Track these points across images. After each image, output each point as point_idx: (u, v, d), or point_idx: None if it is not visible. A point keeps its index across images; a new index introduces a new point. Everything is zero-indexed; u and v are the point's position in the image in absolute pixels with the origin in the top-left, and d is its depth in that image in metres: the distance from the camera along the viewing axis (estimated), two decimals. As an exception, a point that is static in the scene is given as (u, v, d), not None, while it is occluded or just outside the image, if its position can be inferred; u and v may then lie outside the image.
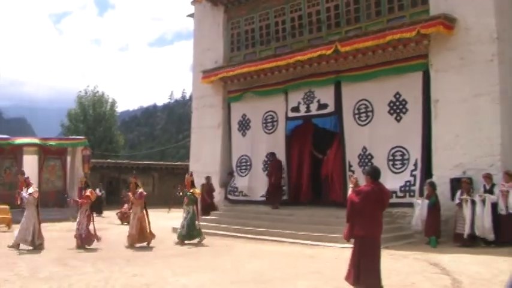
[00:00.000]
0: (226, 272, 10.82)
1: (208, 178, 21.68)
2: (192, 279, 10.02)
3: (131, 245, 15.10)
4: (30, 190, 14.73)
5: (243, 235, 17.24)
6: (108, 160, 43.23)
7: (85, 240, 14.72)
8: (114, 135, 59.95)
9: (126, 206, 25.58)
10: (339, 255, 12.76)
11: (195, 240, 16.05)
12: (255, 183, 20.90)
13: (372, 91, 17.89)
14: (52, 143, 27.64)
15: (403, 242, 15.03)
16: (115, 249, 14.62)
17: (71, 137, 35.48)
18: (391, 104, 17.35)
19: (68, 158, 28.08)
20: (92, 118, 57.22)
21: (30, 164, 26.48)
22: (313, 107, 19.38)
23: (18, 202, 15.52)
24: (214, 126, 22.81)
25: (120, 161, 44.03)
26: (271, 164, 20.15)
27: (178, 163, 46.84)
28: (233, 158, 22.24)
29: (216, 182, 21.99)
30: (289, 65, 19.51)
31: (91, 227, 14.96)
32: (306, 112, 19.63)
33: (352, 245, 8.79)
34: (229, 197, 21.86)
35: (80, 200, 15.40)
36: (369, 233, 8.43)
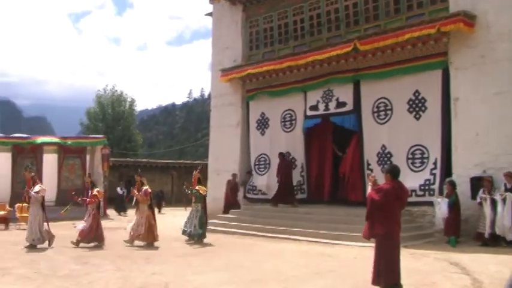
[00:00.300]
0: (245, 271, 10.82)
1: (234, 176, 21.66)
2: (211, 277, 10.04)
3: (130, 242, 15.06)
4: (37, 188, 14.72)
5: (261, 234, 17.24)
6: (127, 159, 43.43)
7: (86, 236, 14.71)
8: (133, 134, 60.18)
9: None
10: (358, 254, 12.72)
11: (200, 239, 15.92)
12: (273, 181, 20.87)
13: (391, 89, 17.80)
14: (71, 142, 27.85)
15: (422, 241, 14.93)
16: (134, 247, 14.68)
17: (90, 135, 35.73)
18: (410, 102, 17.24)
19: (88, 157, 28.29)
20: (111, 117, 57.49)
21: (50, 162, 26.74)
22: (332, 105, 19.33)
23: (26, 200, 15.58)
24: (233, 125, 22.83)
25: (139, 160, 44.24)
26: (280, 163, 20.31)
27: (197, 162, 46.90)
28: (252, 156, 22.24)
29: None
30: (308, 63, 19.47)
31: (92, 225, 14.88)
32: (324, 110, 19.59)
33: (372, 244, 8.76)
34: (248, 195, 21.87)
35: (87, 199, 15.33)
36: (389, 231, 8.40)
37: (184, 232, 16.28)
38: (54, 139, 27.58)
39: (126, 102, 60.07)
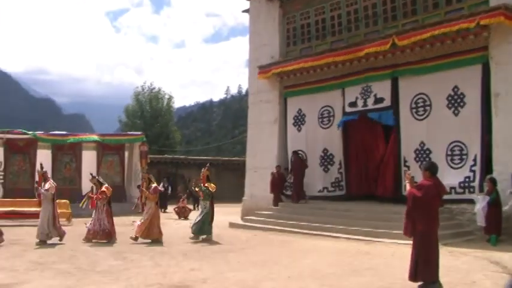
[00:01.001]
0: (283, 267, 10.84)
1: (278, 167, 21.63)
2: (249, 274, 10.08)
3: (135, 238, 15.12)
4: (47, 185, 14.85)
5: (299, 230, 17.22)
6: (165, 156, 43.78)
7: (105, 235, 14.80)
8: (171, 131, 60.58)
9: (183, 201, 25.97)
10: (396, 251, 12.62)
11: (203, 237, 15.76)
12: (310, 178, 20.81)
13: (430, 85, 17.56)
14: (110, 139, 28.21)
15: (462, 239, 14.72)
16: (172, 243, 14.80)
17: (128, 132, 36.13)
18: (449, 98, 16.99)
19: (126, 154, 28.60)
20: (149, 114, 57.99)
21: (89, 159, 27.11)
22: (370, 101, 19.18)
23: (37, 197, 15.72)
24: (270, 122, 22.82)
25: (177, 157, 44.54)
26: (294, 162, 20.77)
27: (235, 158, 47.04)
28: (289, 153, 22.18)
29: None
30: (346, 60, 19.35)
31: (107, 222, 14.95)
32: (363, 107, 19.43)
33: (409, 241, 8.70)
34: (286, 192, 21.84)
35: (94, 196, 15.33)
36: (429, 228, 8.37)
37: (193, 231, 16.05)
38: (93, 137, 27.94)
39: (163, 100, 60.51)
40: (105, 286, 8.70)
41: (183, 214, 24.82)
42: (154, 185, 15.78)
